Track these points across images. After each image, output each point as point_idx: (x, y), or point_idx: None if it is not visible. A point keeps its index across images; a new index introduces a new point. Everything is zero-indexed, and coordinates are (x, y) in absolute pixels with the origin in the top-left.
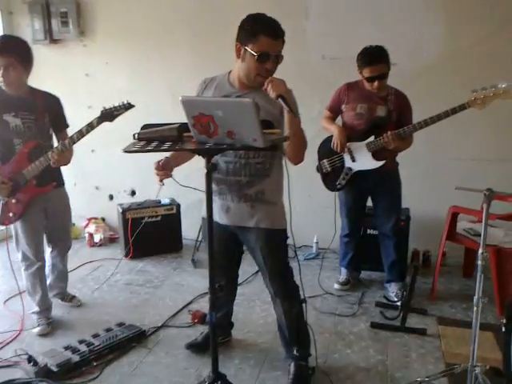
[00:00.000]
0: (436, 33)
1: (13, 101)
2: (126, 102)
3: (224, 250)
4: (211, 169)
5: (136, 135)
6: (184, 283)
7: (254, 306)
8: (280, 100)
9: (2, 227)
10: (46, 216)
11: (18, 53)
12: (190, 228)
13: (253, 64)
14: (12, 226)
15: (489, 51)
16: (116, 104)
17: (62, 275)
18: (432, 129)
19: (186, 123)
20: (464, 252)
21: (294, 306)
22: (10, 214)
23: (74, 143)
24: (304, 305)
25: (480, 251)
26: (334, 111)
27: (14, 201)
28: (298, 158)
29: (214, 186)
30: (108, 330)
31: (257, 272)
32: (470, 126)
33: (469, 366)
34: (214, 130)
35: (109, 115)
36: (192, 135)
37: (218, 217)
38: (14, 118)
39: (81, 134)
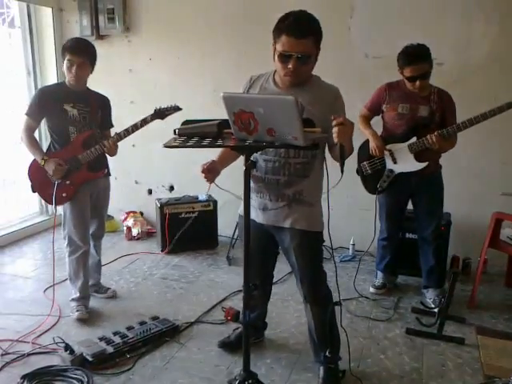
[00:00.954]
0: (485, 32)
1: (72, 93)
2: (174, 105)
3: (260, 249)
4: (250, 166)
5: (176, 130)
6: (218, 280)
7: (288, 306)
8: (338, 146)
9: (47, 217)
10: (90, 201)
11: (90, 54)
12: (226, 225)
13: (278, 63)
14: (61, 209)
15: None
16: (167, 105)
17: (96, 265)
18: (478, 131)
19: (227, 120)
20: (507, 260)
21: (323, 312)
22: (64, 195)
23: (129, 135)
24: (340, 308)
25: None
26: (373, 110)
27: (67, 182)
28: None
29: (252, 184)
30: (142, 323)
31: (292, 271)
32: None
33: (510, 380)
34: (255, 127)
35: (161, 114)
36: (232, 132)
37: (255, 215)
38: (72, 108)
39: (135, 127)
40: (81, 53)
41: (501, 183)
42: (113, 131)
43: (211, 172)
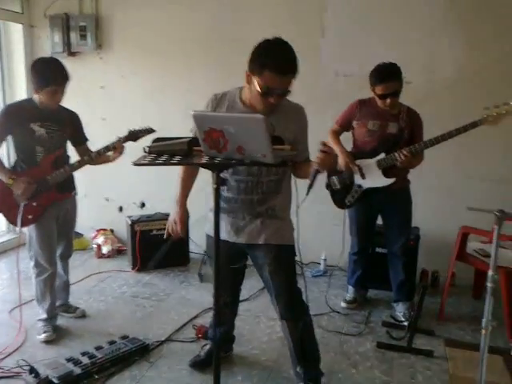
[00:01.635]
0: (452, 52)
1: (40, 112)
2: (148, 127)
3: (230, 267)
4: (220, 184)
5: (146, 148)
6: (190, 297)
7: (259, 323)
8: (313, 172)
9: (14, 235)
10: (56, 223)
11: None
12: (198, 242)
13: (258, 96)
14: (27, 232)
15: (505, 70)
16: (141, 127)
17: (64, 285)
18: (445, 147)
19: (197, 138)
20: (474, 273)
21: (299, 327)
22: (30, 217)
23: (101, 155)
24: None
25: (490, 273)
26: (344, 126)
27: (34, 204)
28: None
29: (223, 205)
30: (111, 342)
31: (263, 288)
32: (484, 146)
33: None
34: (224, 145)
35: (134, 136)
36: (202, 150)
37: (227, 235)
38: (39, 127)
39: (107, 149)
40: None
41: (468, 198)
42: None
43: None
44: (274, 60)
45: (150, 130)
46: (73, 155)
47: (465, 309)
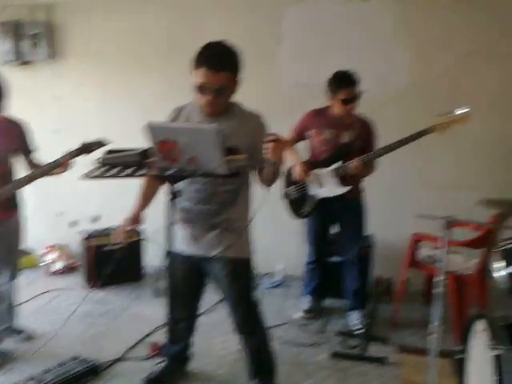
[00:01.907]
0: (403, 62)
1: None
2: (102, 139)
3: (187, 282)
4: (174, 195)
5: (99, 160)
6: (144, 314)
7: (215, 337)
8: (271, 162)
9: None
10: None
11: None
12: (153, 256)
13: (196, 94)
14: None
15: (454, 79)
16: (94, 140)
17: (9, 307)
18: (396, 156)
19: (150, 148)
20: (425, 279)
21: (255, 340)
22: None
23: (50, 171)
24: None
25: (438, 278)
26: (300, 135)
27: None
28: (270, 185)
29: (181, 215)
30: (61, 364)
31: (220, 301)
32: (433, 154)
33: None
34: (177, 156)
35: (87, 149)
36: (155, 161)
37: (186, 246)
38: None
39: (54, 165)
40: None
41: (419, 205)
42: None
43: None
44: (206, 56)
45: (104, 142)
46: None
47: (417, 314)
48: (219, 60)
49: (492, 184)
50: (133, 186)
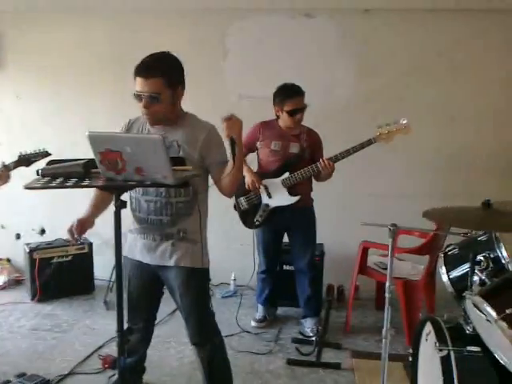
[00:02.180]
0: (348, 76)
1: None
2: (43, 150)
3: (143, 291)
4: (120, 206)
5: (40, 171)
6: (95, 326)
7: (170, 348)
8: (228, 141)
9: None
10: None
11: None
12: (103, 268)
13: (138, 104)
14: None
15: (391, 94)
16: (34, 151)
17: None
18: (345, 167)
19: (94, 159)
20: (375, 285)
21: (209, 350)
22: None
23: None
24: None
25: (387, 284)
26: (247, 147)
27: None
28: (231, 191)
29: (136, 225)
30: (6, 382)
31: (173, 312)
32: (381, 164)
33: None
34: (122, 166)
35: (26, 160)
36: (99, 172)
37: (140, 256)
38: None
39: None
40: None
41: (367, 213)
42: None
43: (83, 229)
44: (140, 64)
45: (45, 154)
46: None
47: (369, 320)
48: (151, 67)
49: (435, 192)
50: (79, 199)
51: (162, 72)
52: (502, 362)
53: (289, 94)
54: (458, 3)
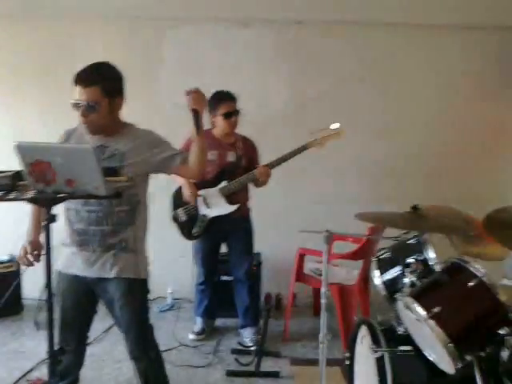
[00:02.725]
0: (283, 84)
1: None
2: None
3: (78, 308)
4: (50, 220)
5: None
6: (24, 349)
7: (105, 367)
8: (191, 114)
9: None
10: None
11: None
12: (33, 286)
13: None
14: None
15: (323, 104)
16: None
17: None
18: (280, 174)
19: (23, 170)
20: (313, 292)
21: (147, 365)
22: None
23: None
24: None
25: (323, 290)
26: None
27: None
28: (201, 168)
29: (74, 237)
30: None
31: (108, 329)
32: (315, 172)
33: None
34: (52, 177)
35: None
36: (28, 184)
37: (77, 269)
38: None
39: None
40: None
41: (302, 220)
42: None
43: (38, 249)
44: (79, 73)
45: None
46: None
47: (307, 327)
48: (88, 75)
49: (368, 199)
50: (13, 211)
51: (100, 81)
52: (430, 358)
53: (222, 98)
54: (388, 17)
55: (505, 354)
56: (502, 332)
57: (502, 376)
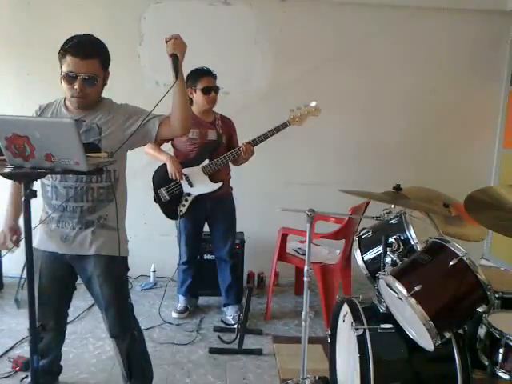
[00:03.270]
0: (265, 64)
1: None
2: None
3: (56, 285)
4: (29, 196)
5: None
6: (4, 327)
7: (87, 344)
8: (170, 59)
9: None
10: None
11: None
12: (13, 264)
13: (65, 85)
14: None
15: (306, 83)
16: None
17: None
18: (264, 155)
19: None
20: (295, 271)
21: (127, 343)
22: None
23: None
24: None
25: (306, 268)
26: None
27: None
28: (185, 116)
29: (51, 214)
30: None
31: (90, 307)
32: (298, 153)
33: (300, 380)
34: (31, 152)
35: None
36: (5, 158)
37: (56, 246)
38: None
39: None
40: None
41: (286, 201)
42: None
43: (17, 233)
44: (75, 44)
45: None
46: None
47: (289, 305)
48: (88, 47)
49: (349, 180)
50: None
51: (100, 53)
52: (410, 336)
53: (201, 73)
54: None
55: (482, 330)
56: (480, 310)
57: (479, 352)
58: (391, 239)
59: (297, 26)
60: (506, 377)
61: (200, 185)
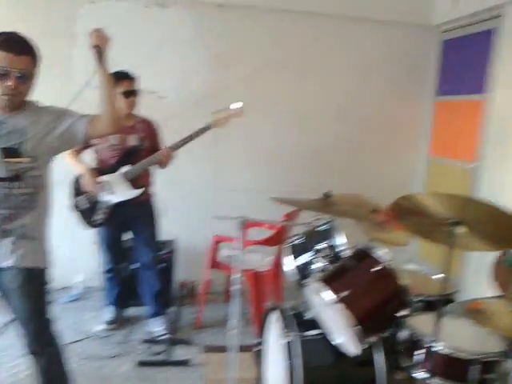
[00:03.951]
0: (201, 69)
1: None
2: None
3: None
4: None
5: None
6: None
7: (3, 363)
8: (94, 51)
9: None
10: None
11: None
12: None
13: None
14: None
15: (244, 89)
16: None
17: None
18: (194, 160)
19: None
20: (227, 279)
21: (47, 359)
22: None
23: None
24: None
25: (236, 275)
26: (84, 143)
27: None
28: (113, 112)
29: None
30: None
31: (8, 323)
32: (230, 159)
33: None
34: None
35: None
36: None
37: None
38: None
39: None
40: None
41: (219, 207)
42: None
43: None
44: (7, 39)
45: None
46: None
47: (219, 314)
48: (20, 43)
49: (284, 186)
50: None
51: (31, 50)
52: (334, 343)
53: (121, 76)
54: (310, 6)
55: (402, 334)
56: (401, 313)
57: (399, 354)
58: (321, 245)
59: (234, 31)
60: (426, 376)
61: (121, 191)
